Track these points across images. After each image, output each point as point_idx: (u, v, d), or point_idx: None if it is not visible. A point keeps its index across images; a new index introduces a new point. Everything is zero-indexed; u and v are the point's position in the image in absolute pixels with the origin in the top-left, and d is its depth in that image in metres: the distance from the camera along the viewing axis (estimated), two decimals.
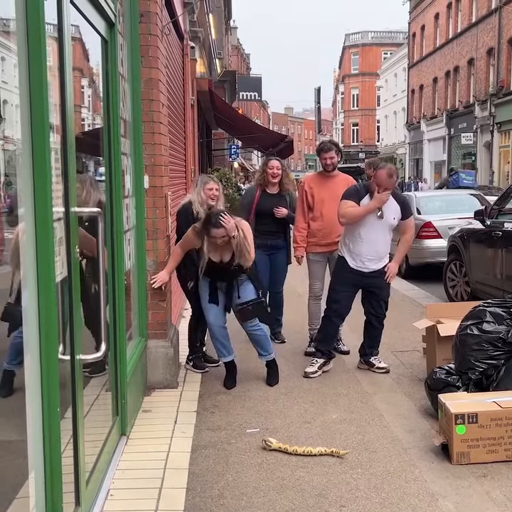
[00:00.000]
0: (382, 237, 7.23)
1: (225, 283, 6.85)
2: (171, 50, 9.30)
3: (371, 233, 7.15)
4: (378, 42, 77.00)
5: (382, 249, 7.27)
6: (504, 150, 34.59)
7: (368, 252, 7.18)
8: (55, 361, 3.29)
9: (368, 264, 7.20)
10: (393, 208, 7.17)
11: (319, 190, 8.04)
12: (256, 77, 49.95)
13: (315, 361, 7.29)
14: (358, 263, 7.21)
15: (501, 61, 34.35)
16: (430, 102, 47.99)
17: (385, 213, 7.11)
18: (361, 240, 7.17)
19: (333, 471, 4.95)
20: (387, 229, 7.24)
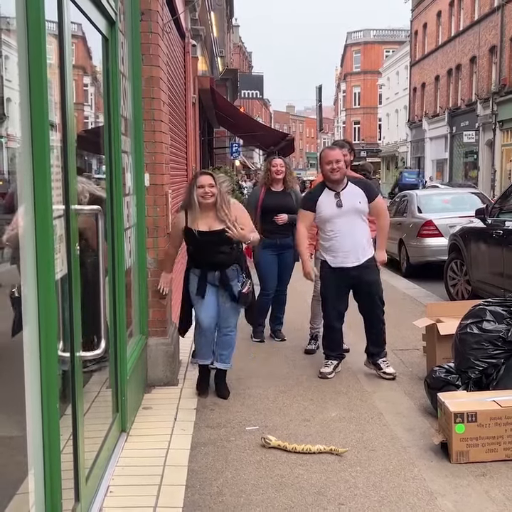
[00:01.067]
0: (356, 226, 6.99)
1: (217, 272, 6.41)
2: (172, 48, 9.30)
3: (342, 224, 6.94)
4: (380, 40, 76.96)
5: (359, 239, 7.00)
6: (506, 148, 34.58)
7: (343, 245, 6.96)
8: (55, 358, 3.30)
9: (348, 258, 6.96)
10: (355, 192, 6.97)
11: None
12: (258, 76, 49.86)
13: (329, 363, 7.17)
14: (337, 260, 7.01)
15: (504, 59, 34.34)
16: (432, 100, 47.98)
17: (345, 201, 6.91)
18: (335, 235, 6.98)
19: (332, 469, 4.96)
20: (358, 216, 6.99)
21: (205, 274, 6.43)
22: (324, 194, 7.00)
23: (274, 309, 8.78)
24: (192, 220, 6.32)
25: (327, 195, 6.98)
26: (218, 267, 6.41)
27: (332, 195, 6.96)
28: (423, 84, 50.31)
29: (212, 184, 6.27)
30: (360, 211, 6.97)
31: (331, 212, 6.92)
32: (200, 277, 6.45)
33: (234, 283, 6.45)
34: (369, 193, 7.04)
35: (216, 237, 6.29)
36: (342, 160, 6.94)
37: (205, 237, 6.30)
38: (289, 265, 8.63)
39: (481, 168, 37.47)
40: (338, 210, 6.90)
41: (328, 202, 6.95)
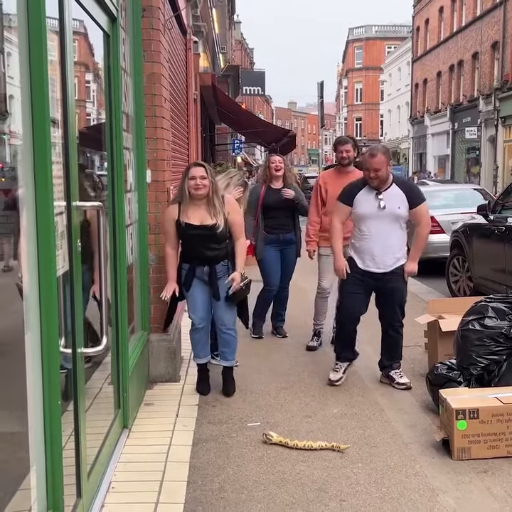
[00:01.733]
0: (392, 232, 6.51)
1: (207, 267, 6.27)
2: (174, 44, 9.29)
3: (377, 227, 6.48)
4: (382, 36, 76.89)
5: (393, 245, 6.53)
6: (508, 144, 34.49)
7: (375, 248, 6.50)
8: (57, 354, 3.31)
9: (377, 263, 6.53)
10: (397, 196, 6.46)
11: (333, 186, 7.78)
12: (259, 72, 49.80)
13: (339, 366, 6.84)
14: (365, 263, 6.57)
15: (506, 55, 34.23)
16: (434, 96, 47.90)
17: (387, 203, 6.41)
18: (366, 236, 6.54)
19: (334, 465, 4.96)
20: (396, 221, 6.49)
21: (193, 268, 6.31)
22: (364, 190, 6.54)
23: (276, 306, 8.79)
24: (184, 213, 6.18)
25: (367, 193, 6.51)
26: (208, 262, 6.28)
27: (373, 194, 6.48)
28: (425, 80, 50.23)
29: (205, 176, 6.10)
30: (398, 217, 6.50)
31: (370, 211, 6.47)
32: (188, 271, 6.32)
33: (223, 280, 6.30)
34: (412, 198, 6.54)
35: (207, 231, 6.16)
36: (382, 168, 6.36)
37: (195, 230, 6.16)
38: (291, 261, 8.59)
39: (483, 165, 37.40)
40: (378, 211, 6.44)
41: (367, 200, 6.50)
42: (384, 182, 6.46)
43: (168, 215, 6.31)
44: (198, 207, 6.18)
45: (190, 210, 6.17)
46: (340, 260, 6.71)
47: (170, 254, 6.32)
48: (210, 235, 6.17)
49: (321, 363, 7.44)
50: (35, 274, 3.15)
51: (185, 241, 6.31)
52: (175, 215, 6.20)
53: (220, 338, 6.56)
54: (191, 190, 6.10)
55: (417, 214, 6.61)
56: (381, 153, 6.40)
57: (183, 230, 6.19)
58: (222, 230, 6.19)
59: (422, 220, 6.70)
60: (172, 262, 6.33)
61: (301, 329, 8.81)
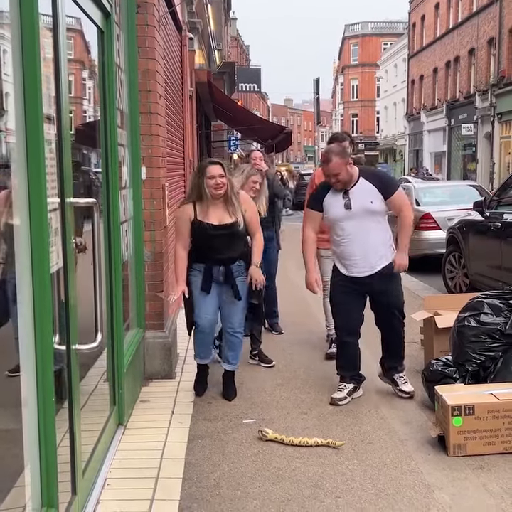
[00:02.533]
0: (370, 229, 6.05)
1: (222, 267, 6.12)
2: (169, 41, 9.28)
3: (352, 228, 6.04)
4: (378, 32, 76.84)
5: (373, 243, 6.08)
6: (505, 141, 34.51)
7: (355, 251, 6.07)
8: (50, 351, 3.30)
9: (361, 267, 6.09)
10: (367, 190, 6.02)
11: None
12: (255, 69, 49.88)
13: (343, 386, 6.26)
14: (349, 268, 6.14)
15: (502, 51, 34.24)
16: (430, 93, 47.91)
17: (354, 201, 5.99)
18: (344, 240, 6.10)
19: (329, 461, 4.96)
20: (372, 217, 6.04)
21: (210, 268, 6.12)
22: (331, 192, 6.11)
23: (267, 304, 8.54)
24: (202, 213, 6.03)
25: (334, 194, 6.09)
26: (224, 262, 6.13)
27: (340, 194, 6.06)
28: (421, 76, 50.24)
29: (223, 174, 5.98)
30: (372, 212, 6.04)
31: (339, 213, 6.05)
32: (205, 272, 6.12)
33: (239, 279, 6.18)
34: (384, 188, 6.06)
35: (227, 230, 6.04)
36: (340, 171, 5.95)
37: (216, 230, 6.02)
38: (274, 258, 8.41)
39: (480, 161, 37.42)
40: (347, 212, 6.02)
41: (335, 202, 6.08)
42: (348, 183, 6.03)
43: (182, 215, 6.14)
44: (216, 206, 6.06)
45: (209, 210, 6.04)
46: (310, 274, 6.34)
47: (181, 255, 6.16)
48: (231, 234, 6.07)
49: (317, 360, 7.44)
50: (28, 271, 3.14)
51: (202, 241, 6.10)
52: (191, 215, 6.06)
53: (225, 340, 6.43)
54: (211, 190, 5.97)
55: (395, 202, 6.10)
56: (335, 156, 5.97)
57: (203, 230, 6.02)
58: (242, 228, 6.13)
59: (401, 207, 6.14)
60: (183, 264, 6.15)
61: (295, 326, 8.82)
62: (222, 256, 6.09)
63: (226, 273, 6.14)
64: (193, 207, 6.06)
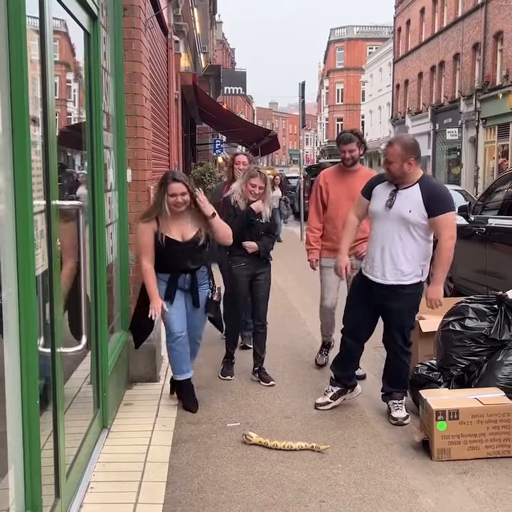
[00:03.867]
0: (399, 238, 5.61)
1: (188, 275, 6.02)
2: (155, 43, 9.28)
3: (382, 228, 5.71)
4: (363, 37, 77.03)
5: (396, 254, 5.63)
6: (489, 146, 34.64)
7: (376, 252, 5.74)
8: (35, 354, 3.28)
9: (375, 270, 5.76)
10: (413, 198, 5.55)
11: (336, 187, 7.04)
12: (241, 72, 49.74)
13: (329, 390, 6.15)
14: (366, 267, 5.90)
15: (487, 56, 34.38)
16: (415, 97, 48.05)
17: (397, 203, 5.60)
18: (372, 236, 5.88)
19: (313, 465, 4.96)
20: (405, 226, 5.58)
21: (175, 278, 6.00)
22: (384, 184, 5.76)
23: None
24: (164, 227, 5.87)
25: (385, 188, 5.74)
26: (189, 271, 6.04)
27: (389, 190, 5.69)
28: (406, 81, 50.36)
29: (185, 192, 5.82)
30: (406, 221, 5.58)
31: (378, 208, 5.72)
32: (169, 282, 5.99)
33: (203, 288, 6.13)
34: (431, 205, 5.51)
35: (190, 245, 5.93)
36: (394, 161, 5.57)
37: (178, 246, 5.89)
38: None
39: (464, 165, 37.53)
40: (385, 210, 5.65)
41: (381, 195, 5.74)
42: (399, 178, 5.60)
43: (146, 229, 5.89)
44: (178, 221, 5.93)
45: (170, 224, 5.90)
46: (343, 258, 6.03)
47: (149, 269, 5.91)
48: (194, 248, 5.96)
49: (302, 364, 7.45)
50: (14, 273, 3.13)
51: (166, 255, 5.92)
52: (154, 227, 5.87)
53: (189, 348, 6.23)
54: (171, 207, 5.83)
55: (436, 225, 5.54)
56: (398, 145, 5.60)
57: (166, 245, 5.87)
58: (204, 241, 6.01)
59: (442, 232, 5.54)
60: (153, 277, 5.90)
61: (282, 329, 8.80)
62: (186, 266, 6.00)
63: (192, 281, 6.05)
64: (156, 221, 5.88)
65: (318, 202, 7.14)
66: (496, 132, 33.78)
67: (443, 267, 5.63)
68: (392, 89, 54.60)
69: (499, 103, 31.82)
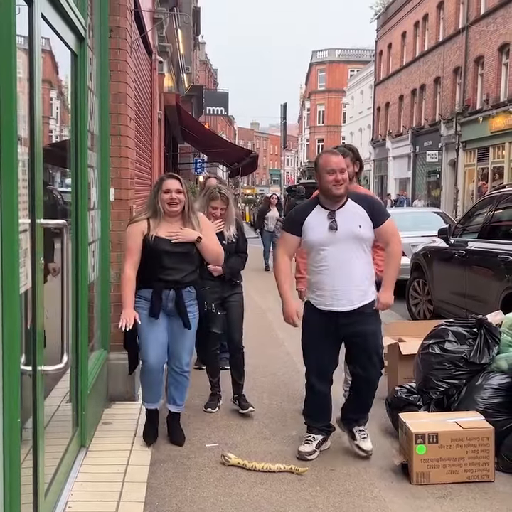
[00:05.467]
0: (353, 258, 5.30)
1: (172, 291, 5.50)
2: (140, 64, 9.32)
3: (334, 254, 5.28)
4: (345, 59, 77.51)
5: (356, 275, 5.32)
6: (469, 169, 34.91)
7: (335, 281, 5.30)
8: (17, 371, 3.28)
9: (338, 299, 5.31)
10: (356, 213, 5.31)
11: None
12: (223, 93, 50.04)
13: (311, 438, 5.60)
14: (326, 300, 5.35)
15: (468, 80, 34.71)
16: (396, 120, 48.35)
17: (341, 223, 5.26)
18: (323, 267, 5.34)
19: (292, 488, 4.96)
20: (358, 245, 5.30)
21: (158, 293, 5.47)
22: (315, 212, 5.37)
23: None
24: (154, 228, 5.46)
25: (318, 214, 5.35)
26: (174, 286, 5.50)
27: (325, 215, 5.32)
28: (387, 103, 50.68)
29: (180, 190, 5.47)
30: (360, 238, 5.30)
31: (322, 236, 5.29)
32: (152, 297, 5.47)
33: (190, 308, 5.61)
34: (375, 215, 5.35)
35: (181, 248, 5.46)
36: (347, 168, 5.43)
37: (170, 246, 5.43)
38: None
39: (444, 188, 37.75)
40: (331, 235, 5.26)
41: (318, 223, 5.32)
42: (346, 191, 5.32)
43: (134, 230, 5.51)
44: (171, 224, 5.51)
45: (163, 226, 5.47)
46: (289, 304, 5.57)
47: (130, 276, 5.47)
48: (185, 254, 5.51)
49: (281, 385, 7.44)
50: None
51: (153, 259, 5.45)
52: (144, 229, 5.46)
53: (173, 380, 5.77)
54: (165, 206, 5.45)
55: (384, 232, 5.39)
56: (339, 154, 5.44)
57: (155, 246, 5.41)
58: (195, 252, 5.59)
59: (390, 238, 5.42)
60: (131, 285, 5.46)
61: (260, 348, 8.80)
62: (173, 277, 5.47)
63: (177, 298, 5.52)
64: (147, 222, 5.49)
65: None
66: (475, 155, 34.05)
67: (395, 272, 5.54)
68: (373, 112, 54.92)
69: (479, 127, 32.10)
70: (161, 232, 5.46)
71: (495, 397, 5.56)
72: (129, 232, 5.57)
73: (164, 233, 5.46)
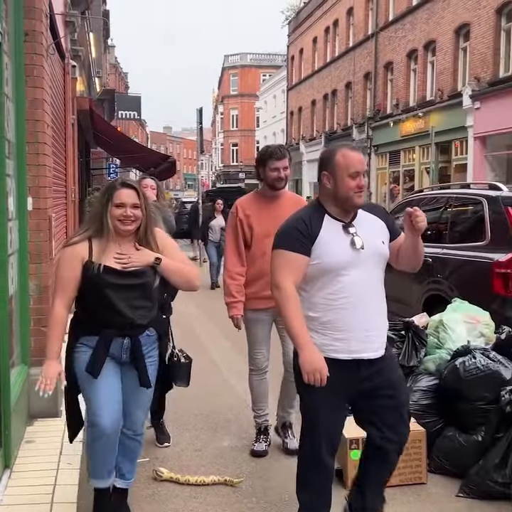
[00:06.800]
0: (378, 284, 4.12)
1: (127, 340, 4.22)
2: (54, 69, 9.12)
3: (358, 279, 3.94)
4: (257, 64, 77.93)
5: (384, 306, 4.19)
6: (381, 172, 35.57)
7: (363, 317, 3.96)
8: None
9: (372, 342, 4.00)
10: (374, 226, 4.10)
11: (260, 219, 5.60)
12: (135, 96, 49.65)
13: None
14: (350, 346, 3.93)
15: (378, 85, 35.31)
16: (309, 124, 48.80)
17: (365, 239, 3.96)
18: (343, 299, 3.92)
19: (227, 500, 4.89)
20: (381, 266, 4.10)
21: (105, 342, 4.17)
22: (327, 225, 3.98)
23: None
24: (100, 253, 4.14)
25: (332, 228, 3.98)
26: (129, 331, 4.22)
27: (339, 228, 3.99)
28: (300, 108, 51.12)
29: (138, 204, 4.16)
30: (384, 258, 4.11)
31: (344, 257, 3.90)
32: (96, 348, 4.15)
33: (151, 353, 4.38)
34: (393, 226, 4.21)
35: (137, 279, 4.19)
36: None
37: (120, 279, 4.14)
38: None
39: None
40: (355, 255, 3.92)
41: (336, 239, 3.95)
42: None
43: (69, 255, 4.18)
44: (120, 245, 4.23)
45: (111, 249, 4.18)
46: (313, 352, 3.85)
47: (60, 316, 4.17)
48: (141, 286, 4.22)
49: (208, 395, 7.35)
50: None
51: (97, 297, 4.15)
52: (84, 255, 4.14)
53: (120, 446, 4.41)
54: (116, 224, 4.16)
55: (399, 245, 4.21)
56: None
57: (98, 278, 4.11)
58: (156, 281, 4.31)
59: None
60: (60, 330, 4.20)
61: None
62: (126, 320, 4.18)
63: (133, 347, 4.25)
64: (89, 245, 4.18)
65: (239, 240, 5.67)
66: (387, 159, 34.70)
67: None
68: (287, 116, 55.36)
69: (390, 131, 32.71)
70: (109, 259, 4.14)
71: (424, 399, 5.62)
72: (63, 259, 4.21)
73: (110, 261, 4.15)
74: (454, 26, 27.16)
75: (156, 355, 4.43)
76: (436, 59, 29.13)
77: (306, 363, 3.80)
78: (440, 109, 27.89)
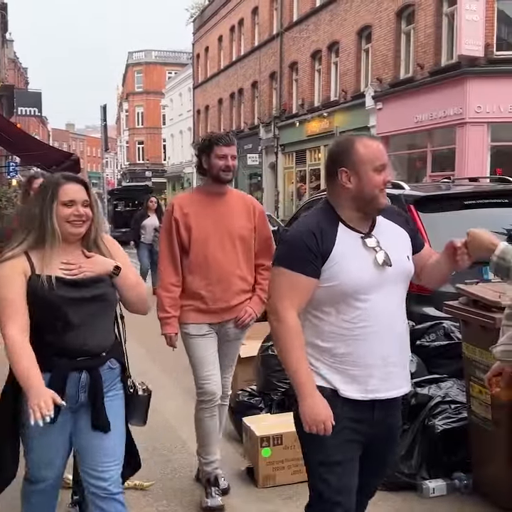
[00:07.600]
0: (401, 310, 3.32)
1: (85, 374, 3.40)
2: None
3: (379, 305, 3.19)
4: (162, 61, 77.43)
5: (403, 333, 3.33)
6: (288, 171, 35.80)
7: (386, 353, 3.20)
8: None
9: (395, 378, 3.25)
10: (398, 237, 3.36)
11: (201, 220, 4.75)
12: (36, 92, 48.58)
13: None
14: (368, 383, 3.19)
15: (283, 85, 35.53)
16: (216, 123, 48.73)
17: (390, 254, 3.21)
18: (361, 328, 3.17)
19: (138, 504, 4.78)
20: (403, 285, 3.33)
21: (62, 378, 3.35)
22: (342, 237, 3.20)
23: None
24: (43, 264, 3.37)
25: (348, 240, 3.21)
26: (87, 362, 3.42)
27: (357, 240, 3.23)
28: (207, 106, 50.99)
29: (87, 201, 3.46)
30: (409, 277, 3.36)
31: (366, 277, 3.16)
32: (51, 386, 3.20)
33: (112, 394, 3.54)
34: (415, 236, 3.48)
35: (91, 290, 3.43)
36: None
37: (74, 290, 3.38)
38: None
39: (265, 190, 38.41)
40: (379, 274, 3.19)
41: (355, 255, 3.19)
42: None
43: (7, 270, 3.36)
44: (66, 253, 3.46)
45: (56, 259, 3.41)
46: (318, 399, 3.15)
47: (19, 340, 3.24)
48: (98, 299, 3.46)
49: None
50: None
51: (46, 316, 3.36)
52: (24, 267, 3.36)
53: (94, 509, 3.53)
54: (66, 227, 3.42)
55: (425, 255, 3.49)
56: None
57: (48, 293, 3.33)
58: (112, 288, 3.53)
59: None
60: (29, 354, 3.22)
61: None
62: (84, 347, 3.41)
63: (92, 384, 3.43)
64: (27, 258, 3.39)
65: (174, 245, 4.79)
66: (293, 158, 35.01)
67: None
68: (193, 114, 55.18)
69: (296, 131, 32.98)
70: (54, 271, 3.38)
71: None
72: (1, 277, 3.36)
73: (58, 271, 3.40)
74: (357, 28, 27.61)
75: (120, 388, 3.59)
76: (339, 60, 29.54)
77: (306, 415, 3.15)
78: (344, 110, 28.29)
